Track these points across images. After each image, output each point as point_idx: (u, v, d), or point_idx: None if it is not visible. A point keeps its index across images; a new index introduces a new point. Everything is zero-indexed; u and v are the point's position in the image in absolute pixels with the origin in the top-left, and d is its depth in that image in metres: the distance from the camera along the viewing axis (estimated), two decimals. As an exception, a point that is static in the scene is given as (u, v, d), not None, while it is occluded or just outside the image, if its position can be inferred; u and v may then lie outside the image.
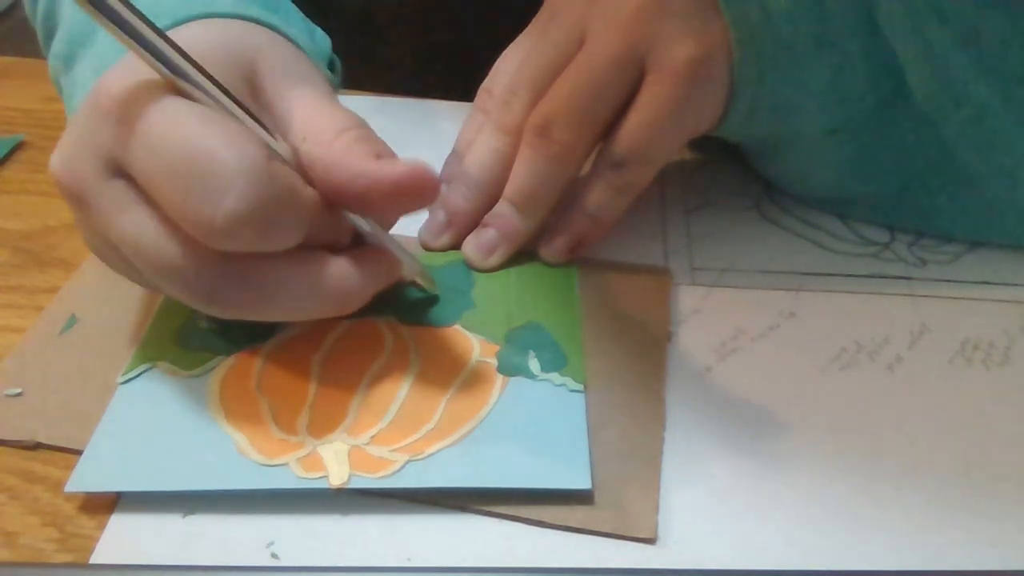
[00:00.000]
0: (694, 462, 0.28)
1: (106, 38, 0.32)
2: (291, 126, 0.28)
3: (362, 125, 0.28)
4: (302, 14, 0.36)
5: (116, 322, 0.32)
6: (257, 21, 0.31)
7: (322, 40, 0.37)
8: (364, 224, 0.29)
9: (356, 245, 0.29)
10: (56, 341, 0.31)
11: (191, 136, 0.23)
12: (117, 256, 0.27)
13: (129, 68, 0.25)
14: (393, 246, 0.30)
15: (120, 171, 0.25)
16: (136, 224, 0.25)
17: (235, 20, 0.31)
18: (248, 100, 0.28)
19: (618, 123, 0.32)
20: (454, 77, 0.43)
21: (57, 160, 0.26)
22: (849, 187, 0.37)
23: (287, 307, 0.27)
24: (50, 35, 0.37)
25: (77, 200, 0.26)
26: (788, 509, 0.27)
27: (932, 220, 0.37)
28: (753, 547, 0.26)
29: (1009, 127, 0.33)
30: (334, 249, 0.28)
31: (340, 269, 0.28)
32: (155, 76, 0.25)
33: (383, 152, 0.28)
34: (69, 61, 0.34)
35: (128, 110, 0.24)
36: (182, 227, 0.24)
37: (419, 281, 0.32)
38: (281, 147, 0.26)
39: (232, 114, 0.25)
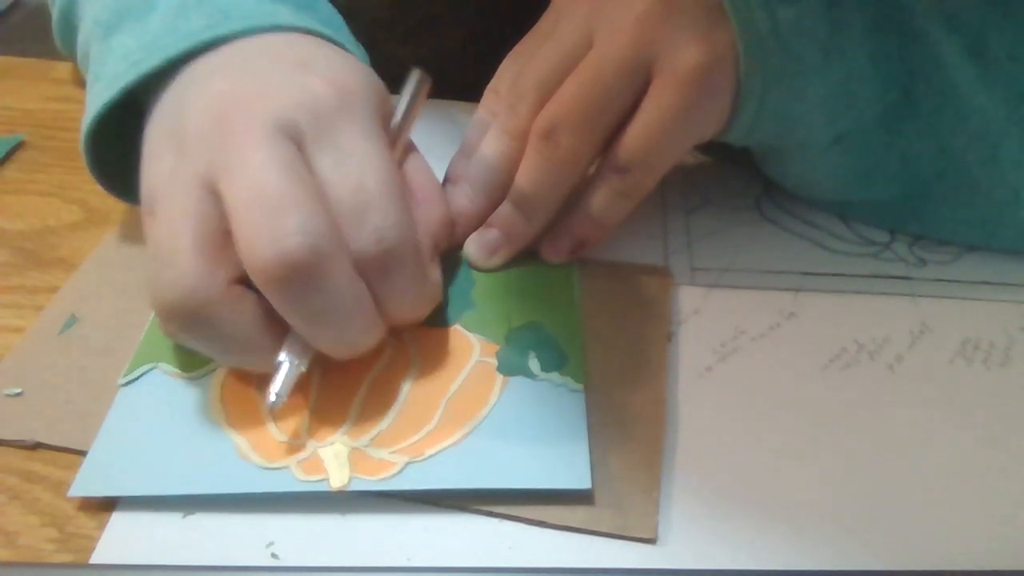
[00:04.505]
0: (694, 462, 0.28)
1: (160, 19, 0.32)
2: None
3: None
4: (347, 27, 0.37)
5: (116, 322, 0.32)
6: (326, 37, 0.33)
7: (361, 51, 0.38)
8: None
9: None
10: (56, 341, 0.31)
11: None
12: None
13: None
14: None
15: None
16: None
17: (300, 33, 0.32)
18: None
19: (623, 127, 0.32)
20: (459, 82, 0.43)
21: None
22: (852, 192, 0.37)
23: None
24: (71, 5, 0.37)
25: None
26: (788, 509, 0.27)
27: (933, 227, 0.37)
28: (753, 547, 0.26)
29: (1013, 143, 0.33)
30: None
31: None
32: None
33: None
34: (111, 29, 0.33)
35: None
36: None
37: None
38: None
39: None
